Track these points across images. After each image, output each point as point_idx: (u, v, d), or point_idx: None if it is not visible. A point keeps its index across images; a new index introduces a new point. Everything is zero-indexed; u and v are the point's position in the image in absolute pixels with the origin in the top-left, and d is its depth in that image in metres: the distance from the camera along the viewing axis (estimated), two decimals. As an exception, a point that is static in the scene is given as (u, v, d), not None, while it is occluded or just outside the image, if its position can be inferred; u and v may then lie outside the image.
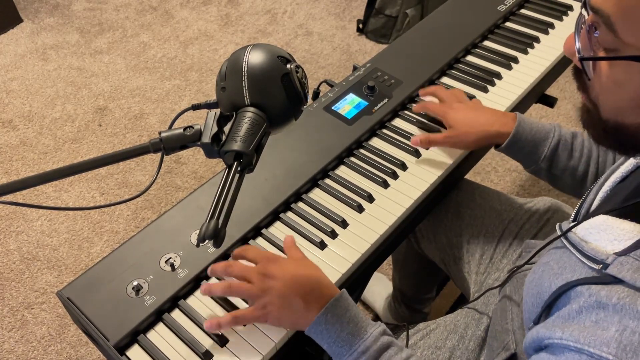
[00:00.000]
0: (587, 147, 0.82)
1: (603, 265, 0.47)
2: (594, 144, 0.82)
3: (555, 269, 0.54)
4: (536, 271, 0.59)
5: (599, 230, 0.51)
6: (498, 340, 0.75)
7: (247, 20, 2.46)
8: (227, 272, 0.69)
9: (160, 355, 0.66)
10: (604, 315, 0.44)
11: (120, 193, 1.75)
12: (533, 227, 0.91)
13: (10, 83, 2.13)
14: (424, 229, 1.01)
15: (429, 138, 0.88)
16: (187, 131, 0.56)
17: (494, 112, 0.87)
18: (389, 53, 1.07)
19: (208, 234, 0.52)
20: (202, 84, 2.14)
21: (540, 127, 0.83)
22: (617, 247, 0.48)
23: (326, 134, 0.91)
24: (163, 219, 0.79)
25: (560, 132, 0.82)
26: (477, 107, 0.88)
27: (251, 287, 0.66)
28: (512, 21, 1.18)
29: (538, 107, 2.02)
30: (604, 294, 0.45)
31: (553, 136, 0.82)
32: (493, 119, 0.84)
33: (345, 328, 0.64)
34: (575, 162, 0.81)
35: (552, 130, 0.82)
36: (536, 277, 0.57)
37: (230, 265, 0.69)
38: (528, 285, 0.60)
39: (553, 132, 0.82)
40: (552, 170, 0.83)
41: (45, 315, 1.46)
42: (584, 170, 0.81)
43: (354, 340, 0.63)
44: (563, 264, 0.53)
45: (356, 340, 0.63)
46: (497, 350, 0.74)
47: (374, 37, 2.35)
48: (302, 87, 0.59)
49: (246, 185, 0.80)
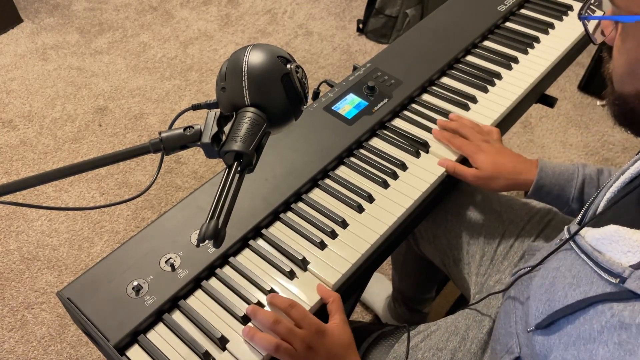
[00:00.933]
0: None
1: (620, 279, 0.47)
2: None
3: (569, 278, 0.53)
4: (545, 277, 0.58)
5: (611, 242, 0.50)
6: (501, 343, 0.75)
7: (247, 20, 2.46)
8: (274, 329, 0.67)
9: (160, 355, 0.66)
10: (627, 336, 0.44)
11: (120, 193, 1.75)
12: (534, 228, 0.91)
13: (10, 83, 2.13)
14: (424, 230, 1.01)
15: (455, 170, 0.87)
16: (187, 131, 0.56)
17: (519, 158, 0.87)
18: (389, 53, 1.07)
19: (208, 234, 0.52)
20: (202, 84, 2.14)
21: (564, 170, 0.83)
22: (631, 259, 0.48)
23: (326, 134, 0.91)
24: (163, 219, 0.79)
25: (585, 170, 0.83)
26: (504, 152, 0.88)
27: (295, 354, 0.66)
28: (512, 21, 1.18)
29: (538, 107, 2.02)
30: (627, 314, 0.44)
31: (577, 176, 0.82)
32: (520, 166, 0.85)
33: None
34: None
35: (575, 171, 0.83)
36: (546, 282, 0.57)
37: (280, 322, 0.67)
38: (537, 290, 0.59)
39: (577, 173, 0.83)
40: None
41: (45, 315, 1.46)
42: None
43: None
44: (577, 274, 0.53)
45: None
46: (500, 353, 0.73)
47: (374, 37, 2.35)
48: (302, 87, 0.59)
49: (246, 185, 0.80)
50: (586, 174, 0.82)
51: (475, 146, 0.88)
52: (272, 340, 0.66)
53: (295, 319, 0.68)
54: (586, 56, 2.14)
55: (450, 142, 0.91)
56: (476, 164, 0.87)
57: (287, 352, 0.66)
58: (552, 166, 0.84)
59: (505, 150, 0.89)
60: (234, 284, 0.73)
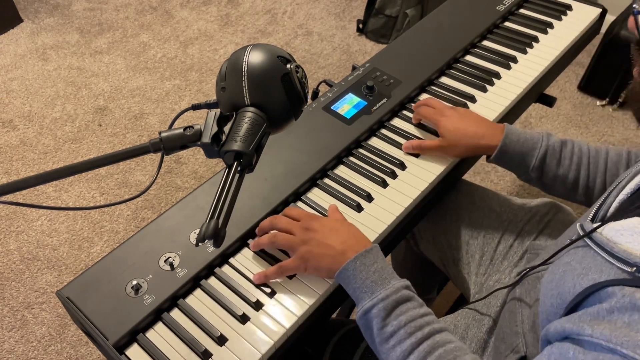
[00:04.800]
0: (576, 154, 0.82)
1: (637, 268, 0.46)
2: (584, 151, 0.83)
3: (579, 269, 0.53)
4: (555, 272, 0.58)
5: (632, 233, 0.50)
6: (506, 342, 0.75)
7: (247, 20, 2.46)
8: (273, 223, 0.76)
9: (160, 354, 0.67)
10: (638, 317, 0.43)
11: (120, 193, 1.75)
12: (533, 228, 0.91)
13: (10, 83, 2.13)
14: (423, 230, 1.01)
15: (420, 145, 0.90)
16: (187, 131, 0.57)
17: (484, 122, 0.87)
18: (388, 53, 1.07)
19: (208, 233, 0.52)
20: (202, 84, 2.14)
21: (528, 138, 0.83)
22: None
23: (325, 134, 0.91)
24: (163, 219, 0.79)
25: (549, 141, 0.83)
26: (467, 116, 0.88)
27: (293, 238, 0.73)
28: (511, 21, 1.19)
29: (537, 107, 2.02)
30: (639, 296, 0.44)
31: (540, 146, 0.83)
32: (482, 130, 0.85)
33: (371, 276, 0.67)
34: (565, 170, 0.82)
35: (539, 140, 0.83)
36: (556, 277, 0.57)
37: (276, 218, 0.76)
38: (547, 286, 0.59)
39: (540, 142, 0.83)
40: (542, 179, 0.84)
41: (45, 315, 1.46)
42: (575, 177, 0.82)
43: (376, 288, 0.66)
44: (587, 265, 0.53)
45: (378, 289, 0.66)
46: (505, 352, 0.74)
47: (373, 37, 2.35)
48: (302, 87, 0.59)
49: (246, 185, 0.81)
50: (549, 145, 0.83)
51: (439, 112, 0.89)
52: (270, 234, 0.74)
53: (292, 215, 0.77)
54: (586, 56, 2.14)
55: (417, 112, 0.93)
56: (440, 130, 0.88)
57: (286, 239, 0.73)
58: (517, 133, 0.84)
59: (470, 114, 0.89)
60: (233, 283, 0.73)
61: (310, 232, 0.73)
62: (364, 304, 0.66)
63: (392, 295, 0.65)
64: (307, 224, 0.74)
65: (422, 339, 0.62)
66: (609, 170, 0.81)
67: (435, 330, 0.64)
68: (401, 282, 0.67)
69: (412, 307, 0.65)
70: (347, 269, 0.68)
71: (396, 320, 0.64)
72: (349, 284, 0.69)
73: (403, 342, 0.63)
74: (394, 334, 0.63)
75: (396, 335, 0.63)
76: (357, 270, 0.68)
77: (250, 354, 0.67)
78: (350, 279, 0.68)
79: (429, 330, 0.63)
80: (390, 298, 0.65)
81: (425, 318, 0.65)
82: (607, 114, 2.03)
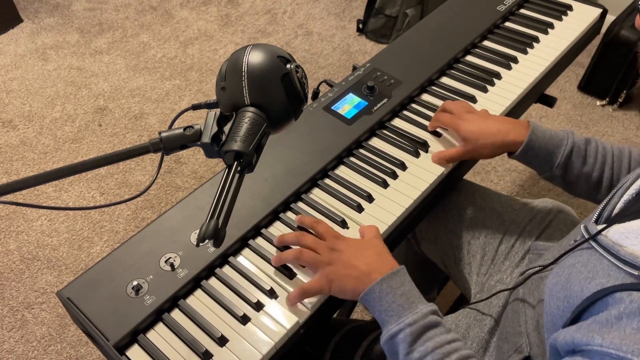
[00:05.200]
0: (601, 153, 0.81)
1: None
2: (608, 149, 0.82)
3: (585, 272, 0.53)
4: (561, 274, 0.57)
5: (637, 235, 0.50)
6: (509, 342, 0.74)
7: (247, 20, 2.46)
8: (299, 240, 0.74)
9: (160, 355, 0.67)
10: None
11: (120, 193, 1.75)
12: (535, 228, 0.91)
13: (10, 83, 2.13)
14: (425, 230, 1.01)
15: (445, 156, 0.88)
16: (187, 131, 0.57)
17: (506, 120, 0.86)
18: (389, 53, 1.07)
19: (208, 233, 0.52)
20: (202, 84, 2.14)
21: (554, 135, 0.82)
22: None
23: (326, 134, 0.91)
24: (163, 219, 0.79)
25: (574, 139, 0.82)
26: (488, 116, 0.87)
27: (319, 257, 0.71)
28: (512, 21, 1.19)
29: (538, 107, 2.02)
30: None
31: (567, 143, 0.81)
32: (507, 127, 0.84)
33: (397, 300, 0.66)
34: (590, 169, 0.81)
35: (565, 137, 0.82)
36: (562, 280, 0.56)
37: (303, 235, 0.75)
38: (552, 288, 0.59)
39: (566, 140, 0.82)
40: (566, 177, 0.83)
41: (45, 315, 1.46)
42: (599, 176, 0.81)
43: (403, 312, 0.65)
44: (593, 268, 0.52)
45: (405, 313, 0.65)
46: (507, 352, 0.73)
47: (374, 37, 2.35)
48: (302, 87, 0.59)
49: (246, 185, 0.80)
50: (575, 142, 0.82)
51: (458, 117, 0.88)
52: (296, 249, 0.73)
53: (319, 232, 0.75)
54: (586, 56, 2.14)
55: (437, 119, 0.92)
56: (461, 136, 0.87)
57: (311, 257, 0.71)
58: (542, 130, 0.83)
59: (489, 115, 0.88)
60: (234, 284, 0.73)
61: (335, 252, 0.71)
62: (391, 328, 0.64)
63: (420, 321, 0.64)
64: (332, 244, 0.72)
65: None
66: (632, 169, 0.80)
67: (463, 356, 0.62)
68: (429, 307, 0.66)
69: (440, 333, 0.64)
70: (372, 291, 0.67)
71: (423, 346, 0.63)
72: (374, 307, 0.67)
73: None
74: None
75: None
76: (384, 292, 0.66)
77: (251, 355, 0.67)
78: (376, 301, 0.67)
79: (456, 357, 0.62)
80: (417, 323, 0.64)
81: (453, 345, 0.63)
82: (607, 114, 2.03)
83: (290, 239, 0.75)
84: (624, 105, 2.04)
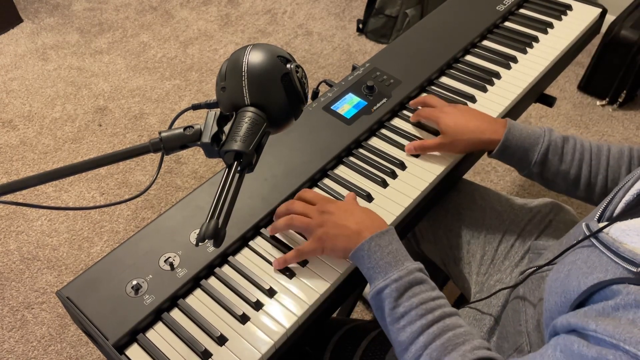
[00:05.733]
0: (578, 150, 0.82)
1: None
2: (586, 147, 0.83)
3: (584, 268, 0.53)
4: (561, 270, 0.58)
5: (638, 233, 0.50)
6: (510, 341, 0.75)
7: (247, 20, 2.46)
8: (289, 208, 0.77)
9: (160, 354, 0.67)
10: None
11: (120, 193, 1.75)
12: (535, 228, 0.91)
13: (10, 83, 2.13)
14: (424, 229, 1.01)
15: (422, 145, 0.89)
16: (187, 131, 0.57)
17: (485, 117, 0.87)
18: (388, 53, 1.07)
19: (208, 233, 0.52)
20: (202, 84, 2.14)
21: (531, 133, 0.83)
22: None
23: (325, 134, 0.91)
24: (162, 219, 0.79)
25: (551, 137, 0.83)
26: (468, 112, 0.88)
27: (310, 221, 0.74)
28: (511, 21, 1.19)
29: (537, 107, 2.02)
30: None
31: (543, 142, 0.82)
32: (484, 125, 0.85)
33: (385, 257, 0.68)
34: (567, 166, 0.82)
35: (542, 136, 0.83)
36: (561, 276, 0.57)
37: (292, 202, 0.78)
38: (552, 285, 0.59)
39: (542, 138, 0.82)
40: (544, 174, 0.84)
41: (45, 315, 1.46)
42: (576, 173, 0.82)
43: (389, 269, 0.67)
44: (592, 264, 0.53)
45: (391, 270, 0.67)
46: (508, 351, 0.74)
47: (374, 37, 2.35)
48: (302, 87, 0.59)
49: (246, 184, 0.81)
50: (552, 140, 0.82)
51: (439, 110, 0.89)
52: (287, 217, 0.75)
53: (308, 198, 0.79)
54: (586, 56, 2.14)
55: (418, 114, 0.93)
56: (440, 128, 0.88)
57: (303, 222, 0.75)
58: (519, 128, 0.83)
59: (470, 110, 0.89)
60: (233, 283, 0.73)
61: (326, 214, 0.74)
62: (377, 284, 0.66)
63: (405, 277, 0.66)
64: (322, 207, 0.75)
65: (433, 321, 0.63)
66: (610, 167, 0.81)
67: (446, 314, 0.64)
68: (415, 264, 0.68)
69: (425, 290, 0.66)
70: (361, 249, 0.69)
71: (408, 301, 0.64)
72: (362, 264, 0.69)
73: (413, 324, 0.63)
74: (405, 315, 0.64)
75: (407, 316, 0.64)
76: (372, 250, 0.69)
77: (250, 354, 0.67)
78: (365, 258, 0.69)
79: (440, 313, 0.64)
80: (403, 279, 0.65)
81: (437, 301, 0.65)
82: (607, 114, 2.03)
83: (281, 209, 0.78)
84: (624, 105, 2.04)
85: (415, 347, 0.62)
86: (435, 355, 0.60)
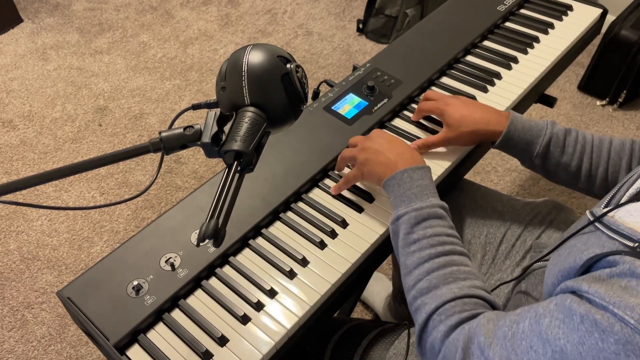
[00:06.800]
0: (580, 143, 0.83)
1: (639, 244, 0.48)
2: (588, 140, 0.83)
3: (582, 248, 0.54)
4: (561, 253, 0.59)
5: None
6: None
7: (247, 20, 2.46)
8: (342, 157, 0.84)
9: (160, 354, 0.67)
10: (635, 283, 0.45)
11: (120, 193, 1.75)
12: (536, 228, 0.91)
13: (10, 83, 2.13)
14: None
15: (426, 142, 0.89)
16: (187, 131, 0.57)
17: (489, 109, 0.88)
18: (389, 53, 1.07)
19: (208, 233, 0.52)
20: (202, 84, 2.14)
21: (533, 125, 0.84)
22: None
23: (326, 134, 0.91)
24: (163, 219, 0.79)
25: (553, 129, 0.84)
26: (471, 103, 0.89)
27: (354, 149, 0.81)
28: (512, 21, 1.19)
29: (538, 107, 2.02)
30: (638, 264, 0.45)
31: (545, 134, 0.83)
32: (488, 116, 0.86)
33: (413, 189, 0.71)
34: (568, 158, 0.83)
35: (544, 128, 0.84)
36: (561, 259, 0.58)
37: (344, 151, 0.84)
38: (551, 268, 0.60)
39: (545, 130, 0.83)
40: (545, 166, 0.85)
41: (45, 315, 1.46)
42: (577, 165, 0.83)
43: (414, 199, 0.70)
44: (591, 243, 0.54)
45: (416, 200, 0.70)
46: None
47: (374, 37, 2.35)
48: (302, 87, 0.59)
49: (246, 184, 0.81)
50: (554, 133, 0.83)
51: (442, 103, 0.89)
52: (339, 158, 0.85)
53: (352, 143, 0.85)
54: (586, 56, 2.14)
55: (420, 108, 0.93)
56: (445, 120, 0.88)
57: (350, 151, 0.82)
58: (522, 120, 0.84)
59: (473, 102, 0.90)
60: (234, 284, 0.73)
61: (368, 141, 0.79)
62: (399, 210, 0.70)
63: (426, 209, 0.68)
64: (363, 143, 0.80)
65: (442, 253, 0.65)
66: (611, 159, 0.81)
67: (456, 251, 0.66)
68: (440, 202, 0.70)
69: (442, 225, 0.68)
70: (394, 178, 0.73)
71: (423, 230, 0.67)
72: (392, 192, 0.73)
73: (422, 251, 0.65)
74: (417, 242, 0.67)
75: (418, 242, 0.66)
76: (403, 180, 0.72)
77: (251, 354, 0.67)
78: (395, 187, 0.72)
79: (450, 248, 0.66)
80: (424, 210, 0.68)
81: (450, 238, 0.67)
82: (607, 113, 2.03)
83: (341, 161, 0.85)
84: (624, 105, 2.04)
85: (419, 271, 0.65)
86: (435, 282, 0.63)
